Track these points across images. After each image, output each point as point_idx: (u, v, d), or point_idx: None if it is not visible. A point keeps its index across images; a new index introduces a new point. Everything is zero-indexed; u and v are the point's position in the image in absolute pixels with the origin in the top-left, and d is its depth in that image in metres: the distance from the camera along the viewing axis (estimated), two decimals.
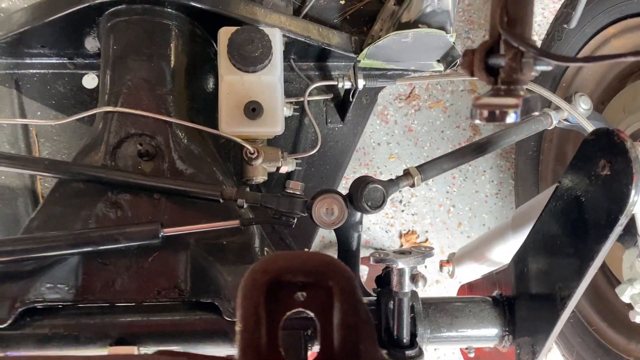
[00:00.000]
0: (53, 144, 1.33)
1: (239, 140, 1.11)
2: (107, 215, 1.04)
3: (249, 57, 1.09)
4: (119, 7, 1.16)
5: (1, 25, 1.26)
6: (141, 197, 1.06)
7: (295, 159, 1.26)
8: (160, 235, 0.97)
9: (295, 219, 1.03)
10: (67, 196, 1.06)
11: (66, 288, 1.00)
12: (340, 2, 1.47)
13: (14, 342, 0.92)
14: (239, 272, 1.00)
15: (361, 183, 0.97)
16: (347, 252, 1.10)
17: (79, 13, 1.17)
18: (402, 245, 1.88)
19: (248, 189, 1.02)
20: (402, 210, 1.91)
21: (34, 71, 1.35)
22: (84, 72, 1.37)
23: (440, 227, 1.94)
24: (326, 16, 1.45)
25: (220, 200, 1.02)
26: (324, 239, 1.86)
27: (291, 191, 1.02)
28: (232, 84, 1.11)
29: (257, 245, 1.08)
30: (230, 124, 1.10)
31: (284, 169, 1.25)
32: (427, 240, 1.91)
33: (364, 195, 0.96)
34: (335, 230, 1.06)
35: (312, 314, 0.52)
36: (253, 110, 1.09)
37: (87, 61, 1.37)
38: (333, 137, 1.40)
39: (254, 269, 0.50)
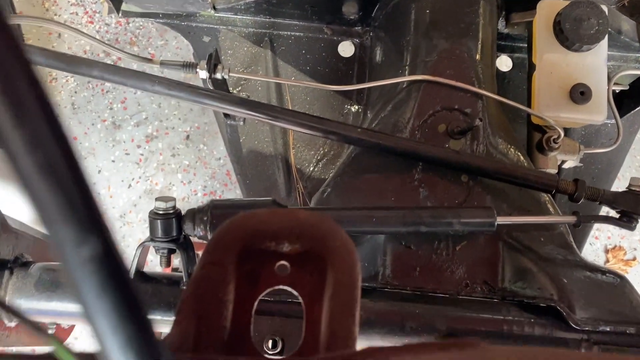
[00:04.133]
0: (306, 112, 1.25)
1: (553, 123, 0.99)
2: (415, 194, 0.95)
3: (585, 34, 0.96)
4: None
5: None
6: (448, 178, 0.96)
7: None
8: (495, 224, 0.86)
9: (638, 222, 0.91)
10: (366, 168, 0.98)
11: (372, 268, 0.92)
12: None
13: None
14: (574, 276, 0.88)
15: None
16: None
17: None
18: (607, 261, 1.71)
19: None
20: None
21: (290, 33, 1.28)
22: (340, 38, 1.28)
23: None
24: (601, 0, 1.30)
25: (553, 191, 0.91)
26: None
27: (638, 189, 0.90)
28: (554, 62, 0.99)
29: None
30: (551, 107, 0.98)
31: (568, 165, 1.12)
32: (634, 258, 1.74)
33: None
34: None
35: (296, 293, 0.40)
36: (582, 93, 0.97)
37: (344, 27, 1.28)
38: (606, 133, 1.26)
39: (227, 223, 0.38)
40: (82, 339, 1.58)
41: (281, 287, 0.42)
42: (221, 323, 0.38)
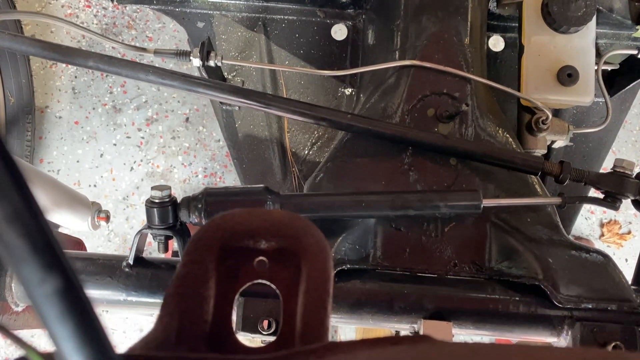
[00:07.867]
0: (300, 96, 1.27)
1: (541, 105, 1.00)
2: (405, 178, 0.97)
3: (573, 16, 0.97)
4: None
5: None
6: (437, 161, 0.98)
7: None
8: (481, 207, 0.89)
9: (622, 202, 0.93)
10: (357, 153, 1.00)
11: (363, 250, 0.95)
12: None
13: None
14: (559, 255, 0.90)
15: None
16: None
17: None
18: (603, 235, 1.74)
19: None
20: None
21: (283, 17, 1.28)
22: (333, 21, 1.29)
23: None
24: None
25: (539, 173, 0.93)
26: None
27: (622, 170, 0.92)
28: (542, 45, 1.00)
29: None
30: (540, 89, 1.00)
31: (558, 144, 1.14)
32: (629, 232, 1.76)
33: None
34: None
35: (274, 287, 0.43)
36: (569, 75, 0.98)
37: (337, 10, 1.28)
38: (597, 112, 1.27)
39: (206, 224, 0.41)
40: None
41: (260, 281, 0.45)
42: (203, 317, 0.41)
